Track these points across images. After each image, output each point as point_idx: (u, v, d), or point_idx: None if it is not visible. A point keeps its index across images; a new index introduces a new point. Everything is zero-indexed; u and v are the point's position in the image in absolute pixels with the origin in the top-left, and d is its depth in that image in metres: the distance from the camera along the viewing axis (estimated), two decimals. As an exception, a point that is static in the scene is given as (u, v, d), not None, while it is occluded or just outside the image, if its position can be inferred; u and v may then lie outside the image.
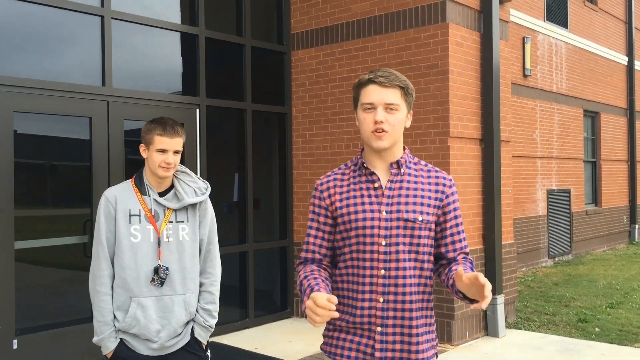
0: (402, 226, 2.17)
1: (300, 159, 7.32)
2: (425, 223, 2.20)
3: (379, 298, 2.18)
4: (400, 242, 2.17)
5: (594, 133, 13.79)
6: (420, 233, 2.20)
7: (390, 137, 2.17)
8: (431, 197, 2.23)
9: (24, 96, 5.06)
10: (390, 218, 2.18)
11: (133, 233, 2.86)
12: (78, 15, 5.48)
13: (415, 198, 2.21)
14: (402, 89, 2.19)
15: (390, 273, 2.17)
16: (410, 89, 2.22)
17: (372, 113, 2.17)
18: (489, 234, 6.45)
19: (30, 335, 5.01)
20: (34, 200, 5.25)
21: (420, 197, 2.22)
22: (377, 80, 2.17)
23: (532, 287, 9.25)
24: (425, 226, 2.21)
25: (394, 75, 2.18)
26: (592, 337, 6.46)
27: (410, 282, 2.18)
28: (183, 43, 6.44)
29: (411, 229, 2.18)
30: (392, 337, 2.19)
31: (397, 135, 2.20)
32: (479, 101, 6.50)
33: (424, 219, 2.20)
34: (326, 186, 2.31)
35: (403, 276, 2.17)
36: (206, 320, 3.01)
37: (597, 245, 13.55)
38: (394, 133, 2.18)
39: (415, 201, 2.20)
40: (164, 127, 2.86)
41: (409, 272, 2.18)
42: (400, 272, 2.17)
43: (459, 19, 6.27)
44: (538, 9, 11.47)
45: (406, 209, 2.18)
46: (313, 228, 2.32)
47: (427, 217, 2.21)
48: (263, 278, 7.14)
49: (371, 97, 2.17)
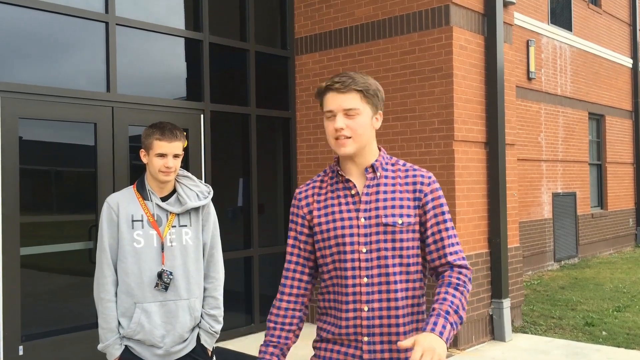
0: (383, 231, 2.11)
1: (304, 164, 7.32)
2: (406, 225, 2.12)
3: (364, 307, 2.11)
4: (382, 248, 2.11)
5: (599, 136, 13.75)
6: (403, 236, 2.11)
7: (354, 143, 2.11)
8: (410, 197, 2.14)
9: (29, 102, 5.08)
10: (370, 224, 2.12)
11: (136, 238, 2.85)
12: (83, 21, 5.50)
13: (394, 201, 2.13)
14: (360, 92, 2.11)
15: (374, 280, 2.11)
16: (372, 90, 2.13)
17: (333, 120, 2.12)
18: (494, 238, 6.43)
19: (35, 342, 5.01)
20: (39, 206, 5.25)
21: (398, 199, 2.13)
22: (334, 86, 2.11)
23: (538, 290, 9.21)
24: (407, 229, 2.12)
25: (351, 79, 2.10)
26: (599, 341, 6.42)
27: (395, 287, 2.10)
28: (187, 48, 6.45)
29: (392, 233, 2.11)
30: (380, 346, 2.11)
31: (363, 140, 2.12)
32: (483, 104, 6.49)
33: (404, 221, 2.11)
34: (304, 195, 2.27)
35: (387, 282, 2.10)
36: (212, 326, 3.00)
37: (603, 248, 13.48)
38: (358, 138, 2.11)
39: (394, 204, 2.12)
40: (162, 131, 2.86)
41: (392, 278, 2.10)
42: (384, 279, 2.10)
43: (462, 23, 6.26)
44: (542, 12, 11.46)
45: (385, 213, 2.11)
46: (291, 237, 2.28)
47: (408, 219, 2.12)
48: (268, 283, 7.13)
49: (330, 105, 2.12)
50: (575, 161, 12.37)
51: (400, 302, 2.11)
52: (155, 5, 6.15)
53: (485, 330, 6.39)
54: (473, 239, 6.27)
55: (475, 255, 6.26)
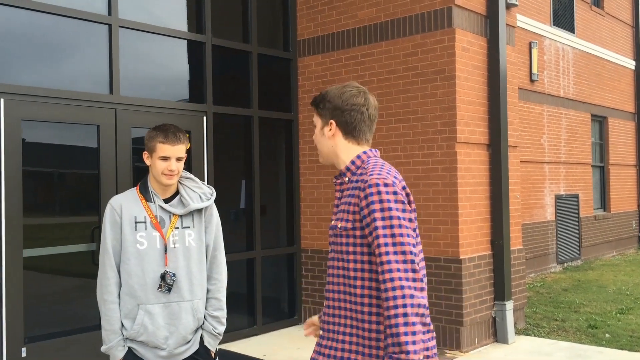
0: (332, 234, 2.23)
1: (307, 166, 7.32)
2: (344, 230, 2.15)
3: (324, 302, 2.27)
4: (333, 250, 2.23)
5: (602, 138, 13.73)
6: (341, 240, 2.16)
7: (321, 156, 2.33)
8: (351, 202, 2.15)
9: (31, 104, 5.09)
10: (332, 226, 2.24)
11: (139, 240, 2.86)
12: (86, 24, 5.51)
13: (344, 206, 2.19)
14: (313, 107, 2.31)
15: (328, 279, 2.25)
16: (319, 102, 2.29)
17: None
18: (497, 240, 6.42)
19: (38, 343, 5.02)
20: (42, 208, 5.26)
21: (345, 204, 2.18)
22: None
23: (541, 293, 9.19)
24: (345, 233, 2.14)
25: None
26: (602, 343, 6.41)
27: (334, 288, 2.20)
28: (190, 51, 6.46)
29: (334, 236, 2.21)
30: (325, 341, 2.22)
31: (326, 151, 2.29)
32: (486, 106, 6.49)
33: (341, 225, 2.16)
34: None
35: (333, 282, 2.21)
36: (215, 327, 3.00)
37: (606, 250, 13.46)
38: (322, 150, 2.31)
39: (343, 209, 2.18)
40: (165, 134, 2.87)
41: (336, 280, 2.20)
42: (333, 279, 2.21)
43: (465, 25, 6.26)
44: (545, 13, 11.46)
45: (335, 217, 2.23)
46: None
47: (346, 224, 2.14)
48: (270, 285, 7.13)
49: None
50: (578, 163, 12.36)
51: (340, 303, 2.18)
52: (158, 7, 6.16)
53: (488, 332, 6.38)
54: (476, 241, 6.26)
55: (478, 257, 6.26)
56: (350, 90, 2.24)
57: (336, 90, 2.26)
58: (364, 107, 2.23)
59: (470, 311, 6.09)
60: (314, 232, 7.22)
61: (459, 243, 6.03)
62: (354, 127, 2.23)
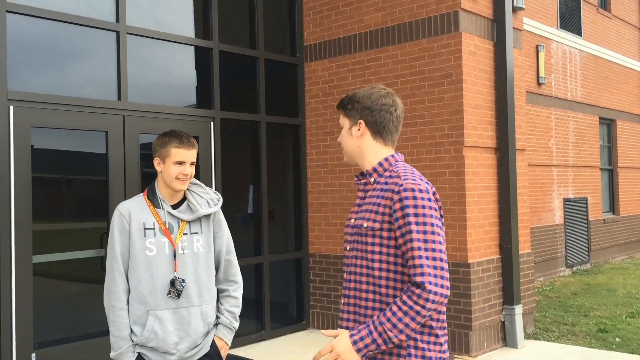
0: (356, 233, 2.27)
1: (314, 170, 7.32)
2: (370, 230, 2.20)
3: (342, 300, 2.32)
4: (354, 249, 2.28)
5: (610, 140, 13.67)
6: (367, 240, 2.21)
7: (346, 156, 2.38)
8: (380, 204, 2.19)
9: (40, 111, 5.12)
10: (354, 225, 2.30)
11: (148, 247, 2.87)
12: (94, 31, 5.55)
13: (370, 206, 2.24)
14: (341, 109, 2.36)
15: (347, 277, 2.31)
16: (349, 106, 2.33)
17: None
18: (505, 244, 6.40)
19: (48, 349, 5.04)
20: (52, 214, 5.29)
21: (372, 204, 2.23)
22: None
23: (550, 297, 9.15)
24: (371, 233, 2.20)
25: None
26: (612, 347, 6.37)
27: (361, 287, 2.24)
28: (197, 57, 6.49)
29: (358, 235, 2.25)
30: None
31: (351, 152, 2.34)
32: (493, 110, 6.48)
33: (368, 225, 2.21)
34: None
35: (355, 280, 2.26)
36: (232, 322, 3.06)
37: (615, 254, 13.38)
38: (347, 150, 2.36)
39: (368, 209, 2.24)
40: (180, 139, 2.90)
41: (358, 278, 2.25)
42: (353, 277, 2.27)
43: (472, 28, 6.26)
44: (551, 16, 11.44)
45: (358, 217, 2.28)
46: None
47: (373, 224, 2.19)
48: (279, 290, 7.13)
49: None
50: (586, 166, 12.30)
51: (369, 303, 2.22)
52: (165, 14, 6.19)
53: (497, 336, 6.36)
54: (484, 245, 6.24)
55: (487, 262, 6.24)
56: (379, 91, 2.32)
57: (365, 92, 2.32)
58: (392, 108, 2.31)
59: (479, 315, 6.07)
60: (321, 236, 7.22)
61: (467, 247, 6.01)
62: (382, 127, 2.30)
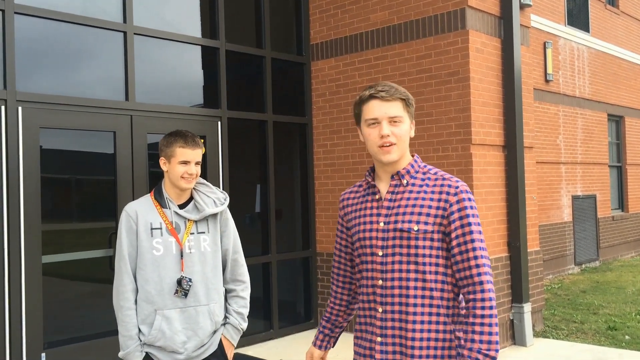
0: (399, 237, 2.18)
1: (321, 169, 7.32)
2: (422, 233, 2.15)
3: (378, 308, 2.22)
4: (397, 253, 2.18)
5: (619, 137, 13.59)
6: (418, 243, 2.16)
7: (398, 149, 2.21)
8: (432, 206, 2.17)
9: (49, 112, 5.15)
10: (387, 229, 2.20)
11: (155, 246, 2.89)
12: (101, 31, 5.57)
13: (414, 208, 2.18)
14: (403, 100, 2.22)
15: (387, 284, 2.20)
16: (410, 99, 2.26)
17: (376, 128, 2.21)
18: (514, 242, 6.38)
19: (58, 349, 5.07)
20: (60, 214, 5.32)
21: (419, 206, 2.17)
22: (379, 95, 2.20)
23: (559, 294, 9.11)
24: (422, 236, 2.15)
25: (394, 89, 2.21)
26: (622, 345, 6.34)
27: (409, 293, 2.16)
28: (204, 56, 6.50)
29: (407, 239, 2.17)
30: (392, 347, 2.19)
31: (404, 147, 2.23)
32: (501, 107, 6.45)
33: (419, 228, 2.15)
34: (343, 197, 2.46)
35: (399, 287, 2.18)
36: (240, 323, 3.06)
37: (624, 251, 13.31)
38: (402, 145, 2.21)
39: (414, 211, 2.17)
40: (185, 139, 2.92)
41: (405, 283, 2.17)
42: (397, 283, 2.18)
43: (479, 26, 6.24)
44: (559, 13, 11.38)
45: (402, 219, 2.18)
46: (337, 236, 2.50)
47: (425, 226, 2.15)
48: (286, 289, 7.14)
49: (374, 112, 2.20)
50: (594, 163, 12.24)
51: (418, 309, 2.15)
52: (172, 14, 6.21)
53: (506, 335, 6.34)
54: (492, 243, 6.22)
55: (495, 260, 6.22)
56: None
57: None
58: None
59: (488, 314, 6.05)
60: (329, 235, 7.23)
61: (475, 245, 5.99)
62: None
